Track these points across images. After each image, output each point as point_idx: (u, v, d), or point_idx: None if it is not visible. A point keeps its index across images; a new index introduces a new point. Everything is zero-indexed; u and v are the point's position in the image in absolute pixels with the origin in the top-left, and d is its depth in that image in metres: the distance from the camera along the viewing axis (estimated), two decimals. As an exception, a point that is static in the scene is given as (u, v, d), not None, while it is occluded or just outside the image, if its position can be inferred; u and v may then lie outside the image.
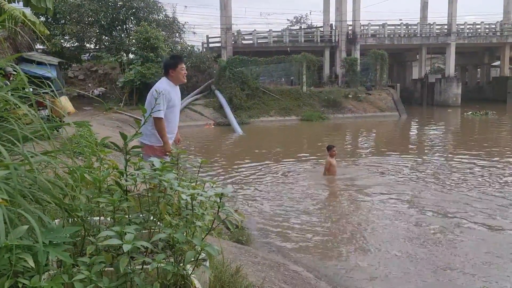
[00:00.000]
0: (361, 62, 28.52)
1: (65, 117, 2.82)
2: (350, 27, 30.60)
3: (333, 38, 30.78)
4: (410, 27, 31.98)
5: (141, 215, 2.11)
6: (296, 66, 26.62)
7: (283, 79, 28.91)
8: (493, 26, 32.73)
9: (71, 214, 2.00)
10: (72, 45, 24.33)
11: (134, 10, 24.13)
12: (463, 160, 11.35)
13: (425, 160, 11.78)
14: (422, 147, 14.73)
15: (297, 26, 47.64)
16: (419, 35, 31.38)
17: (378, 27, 31.72)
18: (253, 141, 17.18)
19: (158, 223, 2.07)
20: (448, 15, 31.15)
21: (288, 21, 53.61)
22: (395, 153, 12.79)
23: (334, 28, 31.13)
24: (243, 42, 30.72)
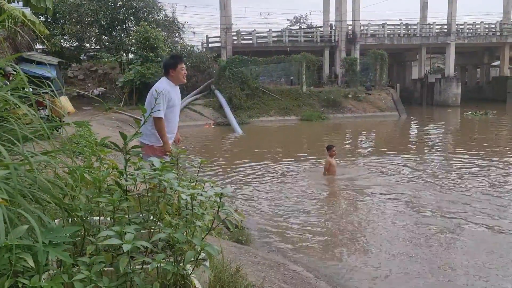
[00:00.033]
0: (360, 62, 28.52)
1: (65, 117, 2.82)
2: (350, 27, 30.60)
3: (332, 38, 30.79)
4: (409, 27, 31.99)
5: (141, 215, 2.11)
6: (295, 66, 26.63)
7: (283, 79, 28.91)
8: (492, 26, 32.74)
9: (71, 214, 2.00)
10: (71, 45, 24.33)
11: (133, 10, 24.12)
12: (463, 160, 11.35)
13: (425, 160, 11.79)
14: (421, 147, 14.74)
15: (296, 26, 47.63)
16: (419, 35, 31.39)
17: (377, 27, 31.73)
18: (252, 141, 17.18)
19: (158, 223, 2.07)
20: (447, 15, 31.16)
21: (288, 21, 53.72)
22: (395, 153, 12.79)
23: (333, 28, 31.14)
24: (243, 42, 30.72)
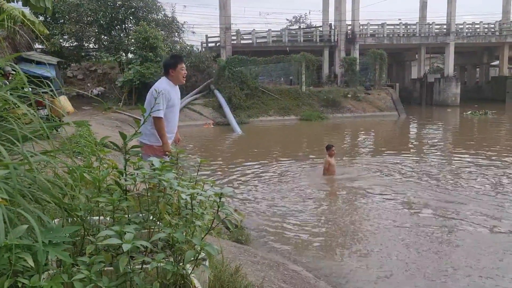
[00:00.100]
0: (360, 61, 28.52)
1: (64, 116, 2.82)
2: (349, 27, 30.61)
3: (332, 37, 30.80)
4: (409, 27, 32.00)
5: (140, 215, 2.11)
6: (295, 66, 26.63)
7: (282, 79, 28.90)
8: (492, 26, 32.77)
9: (71, 213, 2.00)
10: (71, 44, 24.31)
11: (133, 10, 24.12)
12: (463, 159, 11.36)
13: (424, 159, 11.79)
14: (421, 147, 14.74)
15: (296, 26, 47.59)
16: (418, 35, 31.41)
17: (377, 27, 31.75)
18: (252, 140, 17.18)
19: (158, 223, 2.07)
20: (447, 15, 31.17)
21: (287, 20, 53.65)
22: (395, 152, 12.80)
23: (333, 27, 31.14)
24: (242, 41, 30.71)
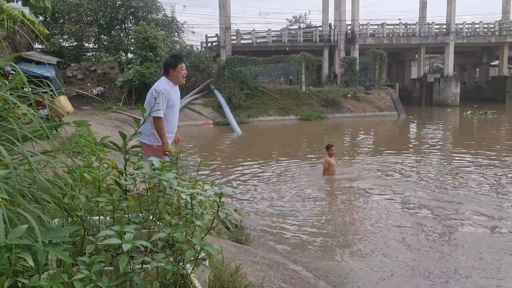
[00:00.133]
0: (360, 61, 28.52)
1: (64, 116, 2.82)
2: (349, 27, 30.62)
3: (332, 37, 30.80)
4: (409, 27, 32.01)
5: (140, 215, 2.11)
6: (295, 66, 26.62)
7: (282, 79, 28.90)
8: (491, 25, 32.78)
9: (71, 213, 2.00)
10: (71, 44, 24.31)
11: (133, 10, 24.11)
12: (462, 159, 11.36)
13: (424, 159, 11.80)
14: (421, 147, 14.74)
15: (296, 26, 47.58)
16: (418, 35, 31.41)
17: (377, 27, 31.75)
18: (252, 140, 17.18)
19: (158, 223, 2.07)
20: (447, 15, 31.18)
21: (287, 20, 53.58)
22: (394, 152, 12.80)
23: (333, 27, 31.14)
24: (242, 41, 30.71)
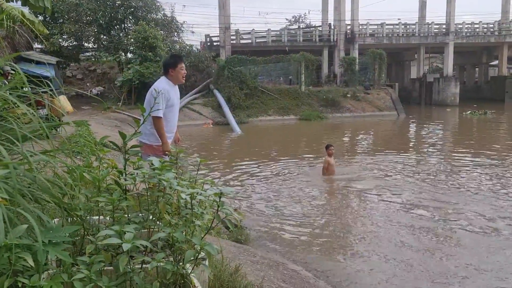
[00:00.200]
0: (359, 61, 28.53)
1: (64, 116, 2.82)
2: (349, 27, 30.63)
3: (331, 37, 30.80)
4: (408, 27, 32.03)
5: (140, 214, 2.11)
6: (294, 66, 26.63)
7: (282, 79, 28.91)
8: (491, 25, 32.79)
9: (70, 213, 2.00)
10: (70, 44, 24.29)
11: (132, 9, 24.09)
12: (462, 159, 11.37)
13: (424, 159, 11.79)
14: (420, 147, 14.75)
15: (295, 26, 47.63)
16: (418, 35, 31.43)
17: (376, 27, 31.76)
18: (251, 140, 17.18)
19: (158, 222, 2.07)
20: (446, 15, 31.19)
21: (286, 20, 53.59)
22: (394, 152, 12.80)
23: (332, 27, 31.16)
24: (242, 41, 30.71)
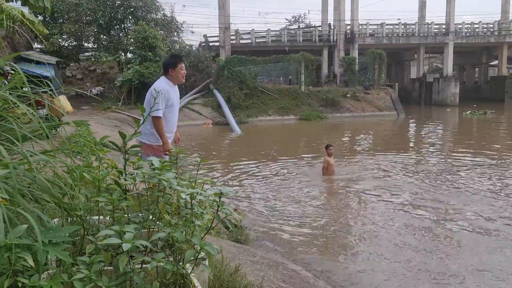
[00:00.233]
0: (359, 61, 28.53)
1: (63, 116, 2.82)
2: (349, 27, 30.62)
3: (331, 37, 30.80)
4: (408, 27, 32.03)
5: (140, 214, 2.11)
6: (294, 66, 26.63)
7: (282, 79, 28.91)
8: (491, 25, 32.80)
9: (70, 213, 2.00)
10: (70, 44, 24.29)
11: (132, 9, 24.09)
12: (462, 159, 11.37)
13: (423, 159, 11.80)
14: (420, 147, 14.75)
15: (295, 26, 47.64)
16: (417, 35, 31.43)
17: (376, 27, 31.77)
18: (251, 140, 17.18)
19: (158, 222, 2.07)
20: (446, 15, 31.20)
21: (286, 20, 53.58)
22: (394, 152, 12.80)
23: (332, 27, 31.15)
24: (241, 41, 30.71)
